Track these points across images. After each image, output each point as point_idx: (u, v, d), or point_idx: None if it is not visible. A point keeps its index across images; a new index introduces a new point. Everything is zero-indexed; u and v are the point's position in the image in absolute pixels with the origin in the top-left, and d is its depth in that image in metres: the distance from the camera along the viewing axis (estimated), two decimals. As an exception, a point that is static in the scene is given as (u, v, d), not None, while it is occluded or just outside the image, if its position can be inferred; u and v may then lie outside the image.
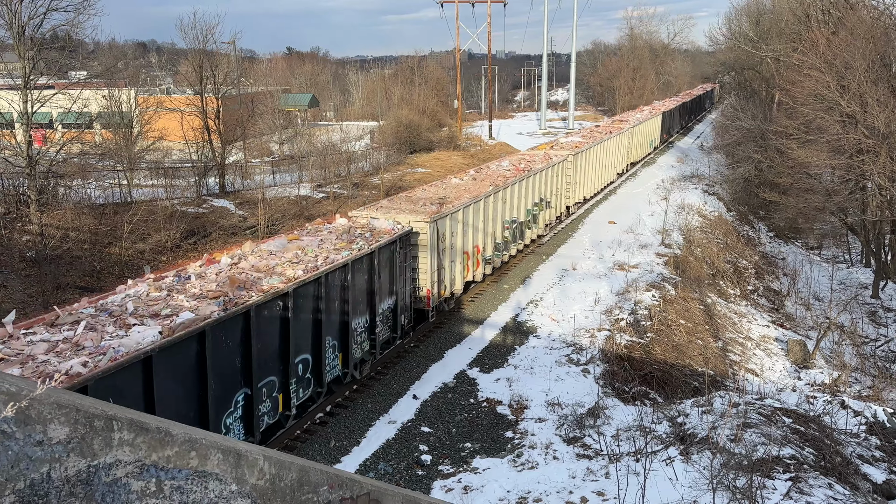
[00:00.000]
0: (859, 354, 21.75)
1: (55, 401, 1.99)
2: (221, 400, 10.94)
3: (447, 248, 18.32)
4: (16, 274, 23.74)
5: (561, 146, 32.46)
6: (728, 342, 20.52)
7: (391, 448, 13.38)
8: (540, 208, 26.25)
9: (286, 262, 13.25)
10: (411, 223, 17.29)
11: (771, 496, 9.10)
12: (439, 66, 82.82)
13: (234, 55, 44.89)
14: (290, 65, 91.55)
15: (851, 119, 27.05)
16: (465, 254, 19.78)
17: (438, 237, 17.85)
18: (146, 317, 10.29)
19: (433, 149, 53.54)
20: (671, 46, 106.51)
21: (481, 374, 16.83)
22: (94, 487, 2.08)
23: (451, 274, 18.93)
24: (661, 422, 13.30)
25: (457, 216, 18.85)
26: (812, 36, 31.64)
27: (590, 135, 37.58)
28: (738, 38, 52.09)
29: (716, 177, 46.34)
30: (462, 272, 19.75)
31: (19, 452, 1.89)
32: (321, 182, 39.70)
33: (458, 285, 19.65)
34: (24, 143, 25.34)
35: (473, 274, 20.72)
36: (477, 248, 20.70)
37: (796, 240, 39.48)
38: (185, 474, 2.35)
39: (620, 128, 41.30)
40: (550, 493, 10.96)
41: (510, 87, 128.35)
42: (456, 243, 19.02)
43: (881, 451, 11.46)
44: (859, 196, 28.85)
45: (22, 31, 24.94)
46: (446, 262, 18.43)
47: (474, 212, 20.02)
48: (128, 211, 28.71)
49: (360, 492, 3.21)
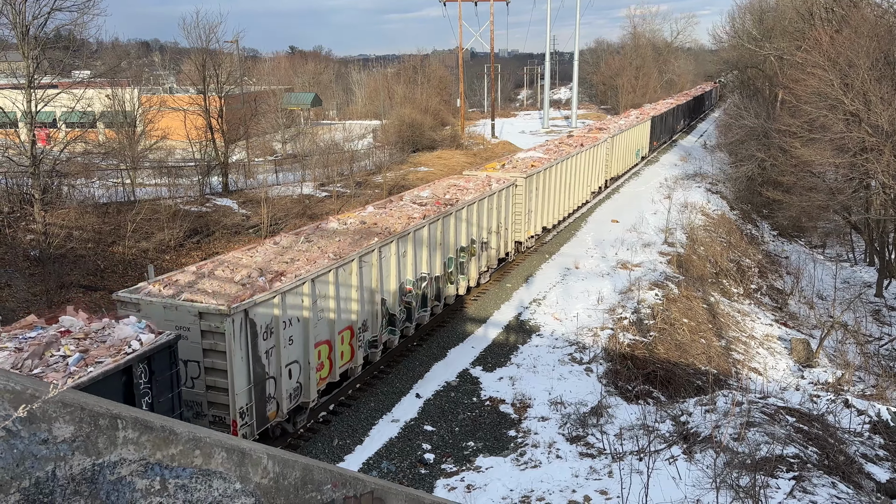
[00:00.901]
0: (863, 353, 21.69)
1: (60, 399, 1.99)
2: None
3: (278, 345, 12.11)
4: (20, 273, 23.80)
5: (514, 165, 26.29)
6: (731, 341, 20.49)
7: (394, 447, 13.39)
8: (470, 253, 20.23)
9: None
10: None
11: (774, 495, 9.09)
12: (442, 65, 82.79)
13: (237, 54, 44.92)
14: (292, 64, 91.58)
15: (855, 117, 26.98)
16: (323, 345, 13.54)
17: (256, 335, 11.55)
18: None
19: (436, 148, 53.56)
20: (674, 45, 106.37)
21: (484, 373, 16.83)
22: (99, 486, 2.08)
23: (281, 387, 12.35)
24: (664, 421, 13.29)
25: (300, 290, 12.58)
26: (815, 34, 31.56)
27: (556, 148, 31.13)
28: (741, 37, 51.99)
29: (719, 175, 46.26)
30: (314, 377, 13.23)
31: (24, 451, 1.90)
32: (324, 181, 39.72)
33: (312, 393, 13.29)
34: (28, 143, 25.39)
35: (339, 370, 14.17)
36: (349, 329, 14.38)
37: (800, 238, 39.39)
38: (189, 473, 2.35)
39: (596, 138, 35.03)
40: (553, 491, 10.96)
41: (513, 86, 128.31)
42: (294, 336, 12.61)
43: (885, 450, 11.43)
44: (863, 194, 28.78)
45: (26, 31, 24.98)
46: (272, 369, 12.11)
47: (339, 277, 13.75)
48: (131, 210, 28.75)
49: (363, 490, 3.22)
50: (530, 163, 26.55)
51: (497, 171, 24.94)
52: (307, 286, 12.76)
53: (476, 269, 20.94)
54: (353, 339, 14.66)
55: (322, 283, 13.34)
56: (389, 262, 15.82)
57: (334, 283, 13.66)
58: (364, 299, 14.92)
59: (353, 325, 14.59)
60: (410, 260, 16.75)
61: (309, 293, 12.85)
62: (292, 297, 12.43)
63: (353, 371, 15.08)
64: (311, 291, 12.90)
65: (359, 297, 14.65)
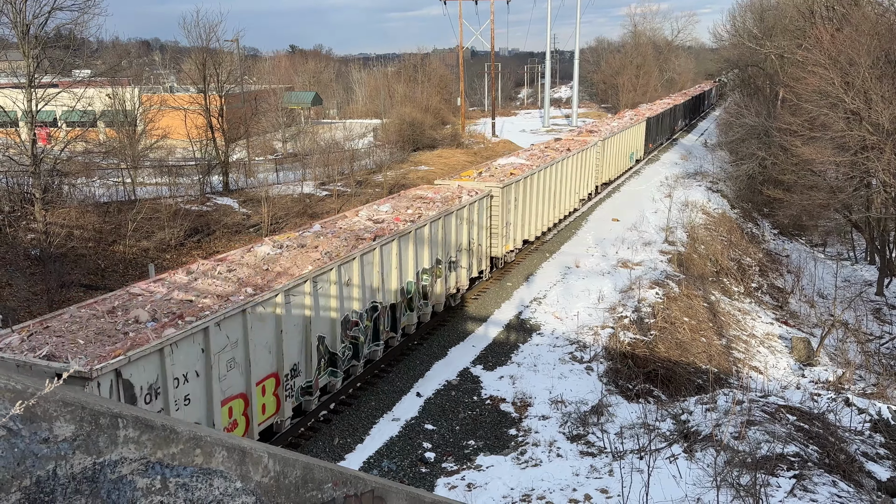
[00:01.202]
0: (864, 352, 21.69)
1: (61, 398, 2.00)
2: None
3: (167, 408, 10.04)
4: (21, 272, 23.82)
5: (492, 173, 24.42)
6: (732, 340, 20.49)
7: (395, 445, 13.41)
8: (436, 274, 18.30)
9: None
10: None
11: (775, 494, 9.09)
12: (442, 64, 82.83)
13: (238, 53, 44.91)
14: (293, 63, 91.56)
15: (856, 116, 26.95)
16: (236, 399, 11.43)
17: (135, 399, 9.53)
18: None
19: (436, 146, 53.57)
20: (675, 43, 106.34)
21: (485, 372, 16.83)
22: (100, 485, 2.09)
23: None
24: (664, 419, 13.30)
25: (196, 339, 10.43)
26: (816, 32, 31.51)
27: (541, 154, 29.43)
28: (742, 35, 51.92)
29: (719, 174, 46.25)
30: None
31: (25, 450, 1.90)
32: (324, 180, 39.74)
33: None
34: (29, 142, 25.42)
35: (258, 427, 12.01)
36: (273, 377, 12.30)
37: (800, 237, 39.38)
38: (190, 472, 2.36)
39: (585, 142, 33.26)
40: (554, 490, 10.96)
41: (513, 85, 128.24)
42: (192, 394, 10.48)
43: (885, 449, 11.44)
44: (864, 193, 28.75)
45: (26, 30, 25.00)
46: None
47: (254, 318, 11.48)
48: (132, 209, 28.78)
49: (364, 489, 3.22)
50: (510, 170, 24.65)
51: (473, 180, 23.16)
52: (210, 330, 10.50)
53: (444, 292, 18.91)
54: (278, 388, 12.40)
55: (232, 326, 11.02)
56: (328, 292, 13.48)
57: (249, 325, 11.34)
58: (292, 340, 12.62)
59: (278, 371, 12.34)
60: (357, 288, 14.46)
61: (211, 339, 10.55)
62: (187, 346, 10.19)
63: (280, 426, 12.69)
64: (212, 337, 10.57)
65: (286, 338, 12.35)
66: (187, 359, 10.28)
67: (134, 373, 9.40)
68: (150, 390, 9.72)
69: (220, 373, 10.91)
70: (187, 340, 10.19)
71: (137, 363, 9.40)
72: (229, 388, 11.17)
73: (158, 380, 9.84)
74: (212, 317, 10.58)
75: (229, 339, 11.03)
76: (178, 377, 10.12)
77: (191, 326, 10.25)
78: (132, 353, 9.29)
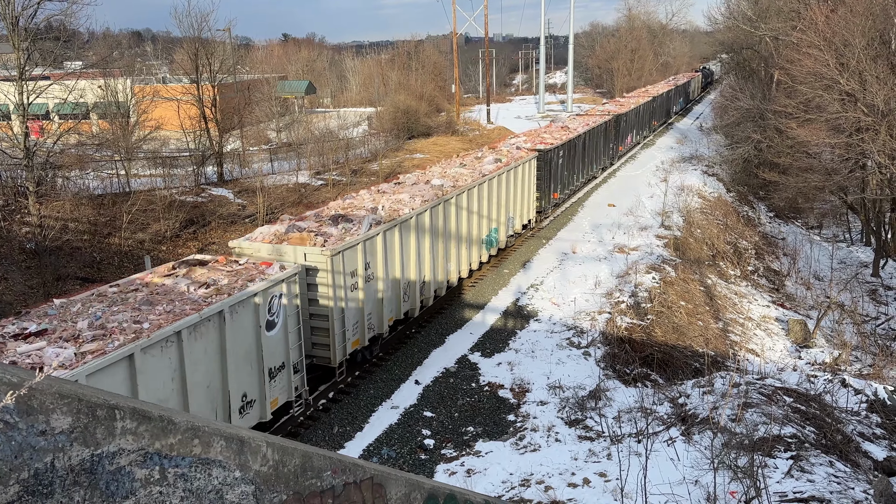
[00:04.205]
0: (860, 333, 21.80)
1: (57, 391, 2.00)
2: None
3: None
4: (16, 265, 23.75)
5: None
6: (728, 323, 20.56)
7: (394, 433, 13.46)
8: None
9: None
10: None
11: (772, 475, 9.16)
12: (436, 51, 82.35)
13: (230, 42, 44.59)
14: (286, 51, 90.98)
15: (851, 97, 26.91)
16: None
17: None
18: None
19: (431, 134, 53.39)
20: (669, 27, 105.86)
21: (483, 359, 16.88)
22: (98, 476, 2.09)
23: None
24: (662, 403, 13.37)
25: None
26: (811, 14, 31.39)
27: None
28: (736, 18, 51.70)
29: (715, 158, 46.21)
30: None
31: (23, 442, 1.90)
32: (319, 169, 39.61)
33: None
34: (21, 135, 25.25)
35: None
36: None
37: (796, 219, 39.45)
38: (188, 462, 2.36)
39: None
40: (553, 474, 11.03)
41: (508, 71, 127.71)
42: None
43: (882, 429, 11.52)
44: (859, 174, 28.76)
45: (16, 22, 24.75)
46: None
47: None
48: (126, 201, 28.66)
49: (363, 476, 3.23)
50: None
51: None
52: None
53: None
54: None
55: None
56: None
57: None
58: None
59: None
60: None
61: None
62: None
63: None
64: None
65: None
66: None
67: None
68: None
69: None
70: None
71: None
72: None
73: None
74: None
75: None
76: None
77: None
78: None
